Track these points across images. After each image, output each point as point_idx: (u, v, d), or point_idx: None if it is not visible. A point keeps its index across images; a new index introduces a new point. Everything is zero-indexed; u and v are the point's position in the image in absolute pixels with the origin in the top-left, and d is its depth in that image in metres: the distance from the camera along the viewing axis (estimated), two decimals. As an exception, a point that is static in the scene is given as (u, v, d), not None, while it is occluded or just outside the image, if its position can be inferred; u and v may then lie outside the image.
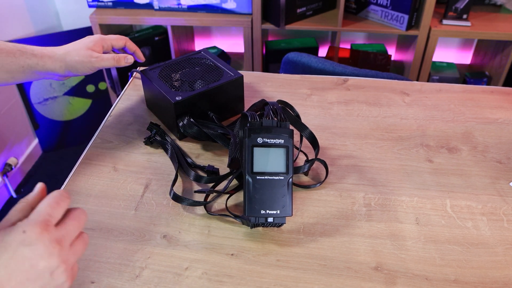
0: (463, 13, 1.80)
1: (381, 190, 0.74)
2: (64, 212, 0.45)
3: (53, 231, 0.43)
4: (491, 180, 0.76)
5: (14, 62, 0.73)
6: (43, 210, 0.44)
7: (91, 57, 0.78)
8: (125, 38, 0.85)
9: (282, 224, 0.65)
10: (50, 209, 0.44)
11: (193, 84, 0.84)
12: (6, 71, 0.74)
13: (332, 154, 0.81)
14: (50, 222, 0.43)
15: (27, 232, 0.41)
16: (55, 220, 0.44)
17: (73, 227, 0.45)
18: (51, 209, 0.44)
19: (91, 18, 1.90)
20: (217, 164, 0.79)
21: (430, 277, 0.60)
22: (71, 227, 0.45)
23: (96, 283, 0.60)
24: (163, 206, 0.71)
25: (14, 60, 0.73)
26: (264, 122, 0.65)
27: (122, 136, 0.86)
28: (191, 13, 1.91)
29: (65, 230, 0.44)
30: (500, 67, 1.90)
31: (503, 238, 0.66)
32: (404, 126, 0.88)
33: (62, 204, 0.45)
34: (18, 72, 0.75)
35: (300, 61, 1.26)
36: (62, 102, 2.18)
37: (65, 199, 0.46)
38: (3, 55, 0.73)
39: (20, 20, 1.98)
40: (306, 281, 0.60)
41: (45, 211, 0.44)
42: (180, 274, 0.61)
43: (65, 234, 0.44)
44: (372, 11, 1.87)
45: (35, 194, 0.47)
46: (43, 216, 0.43)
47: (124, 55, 0.82)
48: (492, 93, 0.98)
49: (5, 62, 0.73)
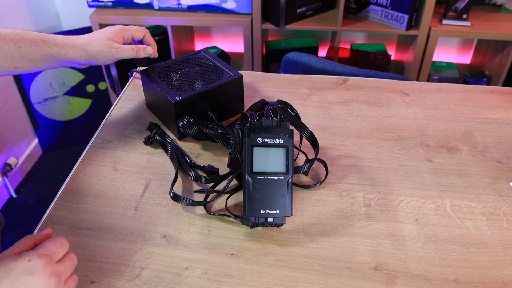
0: (463, 13, 1.80)
1: (381, 190, 0.74)
2: (64, 253, 0.53)
3: (54, 265, 0.50)
4: (491, 180, 0.76)
5: (37, 51, 0.76)
6: (49, 247, 0.51)
7: (111, 47, 0.80)
8: (145, 29, 0.86)
9: (282, 224, 0.65)
10: (55, 247, 0.52)
11: (193, 84, 0.84)
12: (29, 60, 0.76)
13: (332, 154, 0.81)
14: (53, 258, 0.50)
15: (32, 262, 0.48)
16: (57, 258, 0.51)
17: (69, 266, 0.53)
18: (56, 248, 0.52)
19: (91, 18, 1.90)
20: (217, 164, 0.79)
21: (430, 277, 0.60)
22: (68, 266, 0.52)
23: (96, 283, 0.60)
24: (163, 206, 0.71)
25: (37, 49, 0.76)
26: (264, 122, 0.65)
27: (122, 136, 0.86)
28: (191, 13, 1.91)
29: (63, 267, 0.51)
30: (500, 67, 1.90)
31: (503, 238, 0.66)
32: (404, 126, 0.88)
33: (64, 247, 0.53)
34: (41, 61, 0.77)
35: (300, 61, 1.26)
36: (62, 102, 2.18)
37: (67, 245, 0.54)
38: (27, 44, 0.75)
39: (20, 20, 1.98)
40: (306, 281, 0.60)
41: (51, 249, 0.51)
42: (180, 274, 0.61)
43: (63, 271, 0.51)
44: (372, 11, 1.87)
45: (42, 236, 0.55)
46: (48, 251, 0.50)
47: (143, 46, 0.84)
48: (492, 93, 0.98)
49: (29, 51, 0.75)
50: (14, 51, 0.74)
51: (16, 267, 0.47)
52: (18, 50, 0.74)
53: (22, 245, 0.52)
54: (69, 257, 0.53)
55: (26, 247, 0.52)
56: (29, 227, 1.82)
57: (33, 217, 1.87)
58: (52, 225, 0.68)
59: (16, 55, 0.75)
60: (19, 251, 0.51)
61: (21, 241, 0.53)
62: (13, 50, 0.74)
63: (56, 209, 0.71)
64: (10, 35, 0.74)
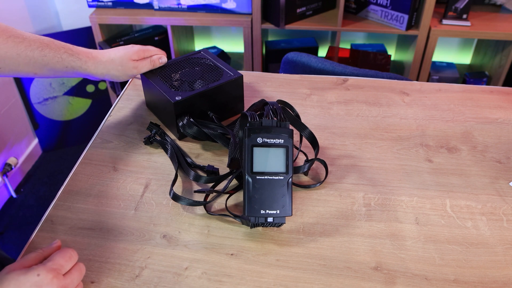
0: (463, 13, 1.80)
1: (381, 190, 0.74)
2: (72, 265, 0.56)
3: (61, 279, 0.53)
4: (490, 180, 0.76)
5: (60, 62, 0.77)
6: (57, 261, 0.54)
7: (133, 68, 0.83)
8: (164, 52, 0.89)
9: (281, 224, 0.65)
10: (63, 261, 0.54)
11: (193, 84, 0.84)
12: (50, 69, 0.77)
13: (331, 154, 0.81)
14: (60, 272, 0.53)
15: (41, 276, 0.51)
16: (65, 270, 0.54)
17: (77, 277, 0.56)
18: (64, 261, 0.54)
19: (91, 18, 1.90)
20: (217, 164, 0.79)
21: (429, 277, 0.60)
22: (75, 277, 0.55)
23: (96, 283, 0.60)
24: (163, 206, 0.71)
25: (60, 60, 0.77)
26: (264, 122, 0.65)
27: (122, 136, 0.86)
28: (191, 13, 1.91)
29: (70, 279, 0.54)
30: (500, 67, 1.90)
31: (502, 238, 0.66)
32: (403, 126, 0.88)
33: (72, 260, 0.56)
34: (61, 71, 0.79)
35: (300, 61, 1.26)
36: (62, 102, 2.18)
37: (75, 257, 0.57)
38: (51, 54, 0.76)
39: (20, 20, 1.98)
40: (305, 281, 0.60)
41: (59, 262, 0.54)
42: (179, 274, 0.61)
43: (70, 283, 0.54)
44: (372, 11, 1.87)
45: (52, 249, 0.58)
46: (56, 265, 0.53)
47: (158, 56, 0.87)
48: (491, 93, 0.98)
49: (52, 61, 0.76)
50: (37, 59, 0.75)
51: (26, 280, 0.50)
52: (42, 58, 0.75)
53: (31, 260, 0.55)
54: (76, 268, 0.56)
55: (35, 261, 0.55)
56: (29, 227, 1.82)
57: (33, 217, 1.87)
58: (52, 225, 0.68)
59: (39, 63, 0.75)
60: (28, 265, 0.53)
61: (31, 255, 0.55)
62: (36, 57, 0.75)
63: (56, 209, 0.71)
64: (36, 42, 0.75)
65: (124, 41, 1.99)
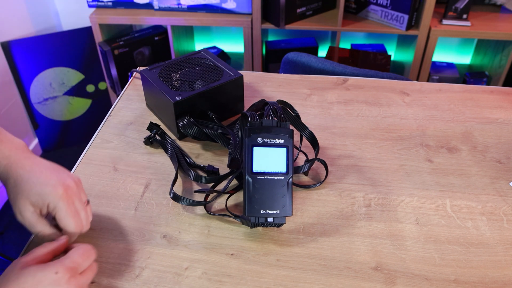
0: (463, 13, 1.80)
1: (381, 190, 0.74)
2: (89, 264, 0.54)
3: (78, 278, 0.52)
4: (490, 180, 0.76)
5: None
6: (75, 259, 0.52)
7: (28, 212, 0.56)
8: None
9: (282, 224, 0.65)
10: (81, 259, 0.53)
11: (193, 84, 0.84)
12: None
13: (332, 154, 0.81)
14: (78, 270, 0.52)
15: (59, 274, 0.49)
16: (82, 269, 0.53)
17: (90, 277, 0.55)
18: (82, 260, 0.53)
19: (91, 18, 1.90)
20: (217, 164, 0.79)
21: (429, 277, 0.60)
22: (89, 277, 0.55)
23: (96, 283, 0.60)
24: (163, 206, 0.71)
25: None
26: (264, 122, 0.65)
27: (122, 136, 0.86)
28: (191, 13, 1.91)
29: (85, 278, 0.53)
30: (500, 67, 1.90)
31: (503, 238, 0.66)
32: (404, 126, 0.88)
33: (90, 258, 0.55)
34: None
35: (300, 61, 1.26)
36: (62, 102, 2.18)
37: (94, 255, 0.55)
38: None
39: (20, 20, 1.98)
40: (306, 281, 0.60)
41: (76, 261, 0.52)
42: (180, 274, 0.61)
43: (85, 282, 0.53)
44: (372, 11, 1.87)
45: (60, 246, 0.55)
46: (74, 264, 0.52)
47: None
48: (492, 93, 0.98)
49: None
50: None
51: (44, 278, 0.48)
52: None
53: (42, 253, 0.53)
54: (91, 268, 0.55)
55: (48, 257, 0.53)
56: (29, 227, 1.82)
57: (33, 217, 1.87)
58: (52, 225, 0.68)
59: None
60: (42, 260, 0.52)
61: (41, 249, 0.53)
62: None
63: (56, 209, 0.71)
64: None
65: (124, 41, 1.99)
